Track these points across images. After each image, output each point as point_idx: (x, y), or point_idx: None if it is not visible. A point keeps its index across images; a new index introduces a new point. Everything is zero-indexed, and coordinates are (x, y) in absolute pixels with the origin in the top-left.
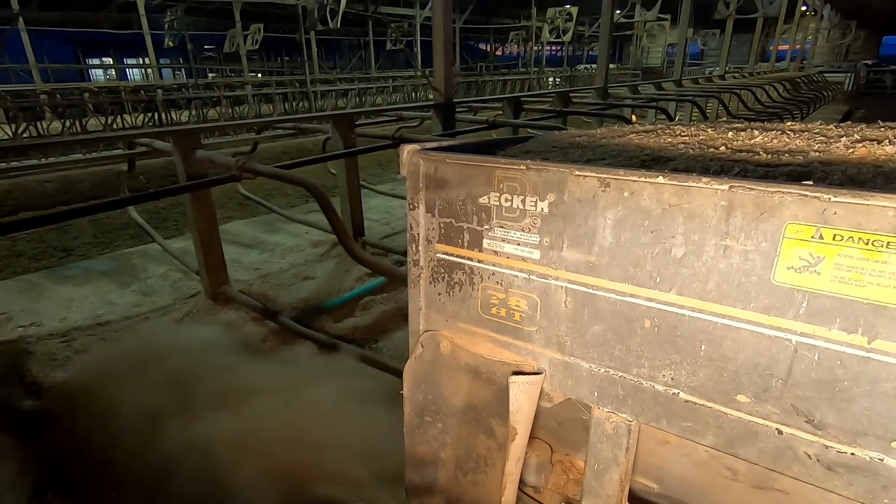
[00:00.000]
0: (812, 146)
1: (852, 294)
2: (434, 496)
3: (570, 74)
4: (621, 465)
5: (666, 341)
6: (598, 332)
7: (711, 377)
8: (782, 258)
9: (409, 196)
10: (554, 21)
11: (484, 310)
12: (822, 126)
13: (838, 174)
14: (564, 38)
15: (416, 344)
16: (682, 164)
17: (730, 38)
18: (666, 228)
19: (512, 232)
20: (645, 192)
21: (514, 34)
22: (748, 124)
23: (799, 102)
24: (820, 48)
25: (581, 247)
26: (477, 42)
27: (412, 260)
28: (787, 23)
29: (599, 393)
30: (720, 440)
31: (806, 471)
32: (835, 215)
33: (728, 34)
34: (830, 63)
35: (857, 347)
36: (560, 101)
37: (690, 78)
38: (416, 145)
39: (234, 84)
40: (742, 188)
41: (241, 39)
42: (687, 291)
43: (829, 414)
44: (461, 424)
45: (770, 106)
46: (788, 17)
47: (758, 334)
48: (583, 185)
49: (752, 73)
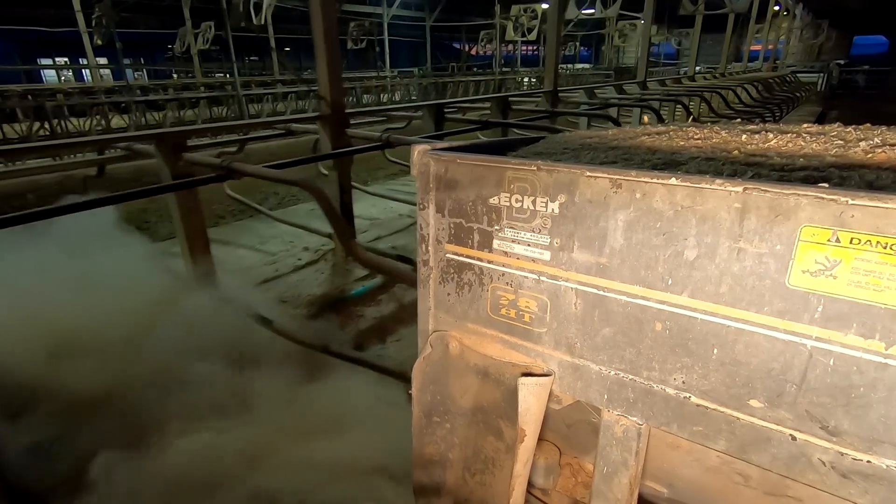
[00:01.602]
0: (829, 150)
1: (870, 299)
2: (442, 497)
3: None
4: (631, 469)
5: (677, 344)
6: (608, 334)
7: (723, 381)
8: (797, 261)
9: (420, 196)
10: (519, 19)
11: (493, 311)
12: (840, 129)
13: (856, 179)
14: (529, 37)
15: (425, 344)
16: (694, 168)
17: (699, 36)
18: (678, 230)
19: (522, 233)
20: (657, 194)
21: (485, 33)
22: (763, 126)
23: (771, 104)
24: (793, 48)
25: (592, 248)
26: (451, 42)
27: (422, 260)
28: (760, 22)
29: (609, 396)
30: (732, 445)
31: (820, 478)
32: (852, 218)
33: (697, 32)
34: (803, 63)
35: (875, 353)
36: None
37: (657, 79)
38: (426, 146)
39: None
40: (757, 190)
41: (192, 38)
42: (699, 294)
43: (845, 420)
44: (469, 425)
45: (741, 109)
46: (761, 17)
47: (772, 338)
48: (594, 186)
49: (723, 74)
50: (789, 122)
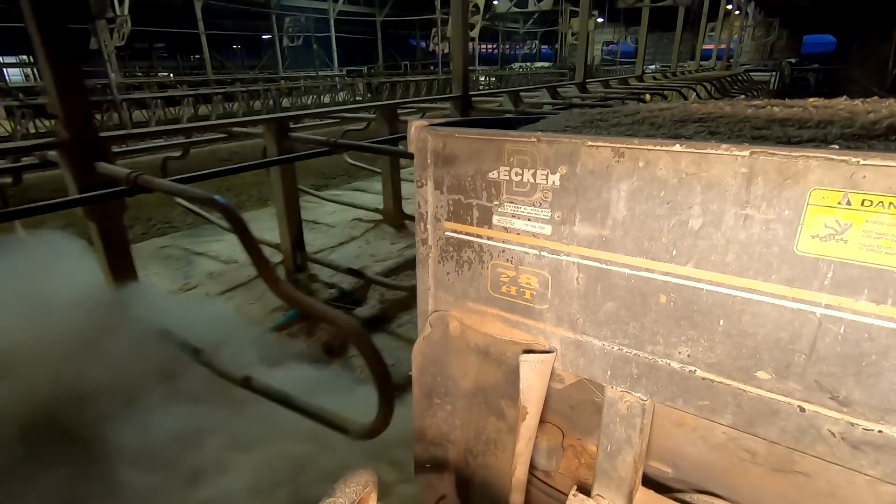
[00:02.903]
0: (836, 121)
1: (882, 262)
2: (444, 479)
3: (501, 73)
4: (635, 447)
5: (682, 317)
6: (611, 308)
7: (730, 353)
8: (806, 226)
9: (417, 173)
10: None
11: (494, 288)
12: (848, 101)
13: (864, 148)
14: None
15: (425, 324)
16: (699, 139)
17: (646, 33)
18: (683, 199)
19: (522, 207)
20: (661, 162)
21: (436, 30)
22: (768, 101)
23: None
24: (747, 46)
25: (594, 220)
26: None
27: (420, 239)
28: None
29: (613, 372)
30: (739, 419)
31: (830, 450)
32: (864, 179)
33: (643, 28)
34: (756, 62)
35: (887, 319)
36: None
37: (600, 80)
38: (423, 121)
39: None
40: (764, 154)
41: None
42: (705, 264)
43: (856, 390)
44: (471, 406)
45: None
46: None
47: (780, 307)
48: (596, 157)
49: (675, 74)
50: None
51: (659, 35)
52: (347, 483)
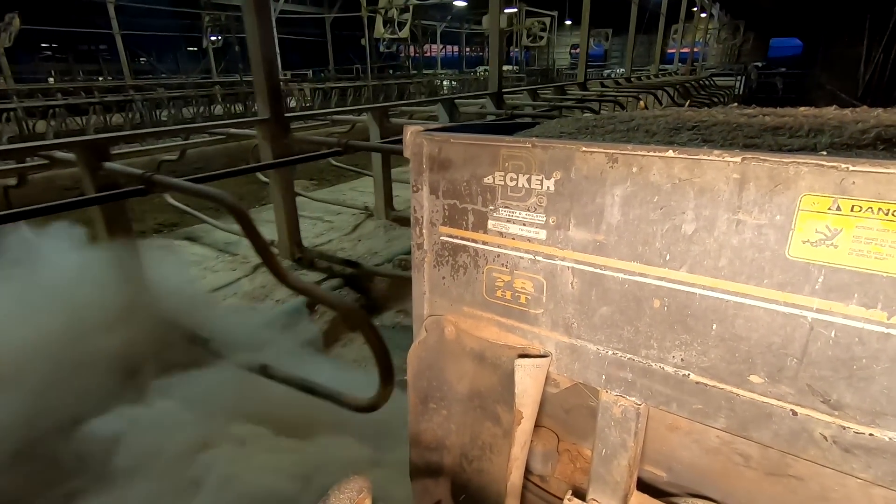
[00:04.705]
0: (825, 130)
1: (872, 267)
2: (439, 484)
3: (463, 77)
4: (630, 451)
5: (676, 321)
6: (605, 313)
7: (723, 357)
8: (797, 231)
9: (413, 178)
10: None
11: (489, 293)
12: (837, 111)
13: (853, 155)
14: (401, 34)
15: (420, 329)
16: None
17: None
18: (676, 204)
19: (517, 212)
20: (654, 167)
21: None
22: (760, 110)
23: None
24: (713, 50)
25: (588, 225)
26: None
27: (416, 244)
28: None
29: (607, 376)
30: (732, 423)
31: (822, 453)
32: (853, 185)
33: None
34: (723, 65)
35: (877, 323)
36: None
37: (556, 85)
38: (419, 126)
39: None
40: (756, 160)
41: None
42: (698, 269)
43: (847, 393)
44: (466, 411)
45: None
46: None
47: (772, 312)
48: (590, 162)
49: (629, 80)
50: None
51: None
52: (341, 489)
